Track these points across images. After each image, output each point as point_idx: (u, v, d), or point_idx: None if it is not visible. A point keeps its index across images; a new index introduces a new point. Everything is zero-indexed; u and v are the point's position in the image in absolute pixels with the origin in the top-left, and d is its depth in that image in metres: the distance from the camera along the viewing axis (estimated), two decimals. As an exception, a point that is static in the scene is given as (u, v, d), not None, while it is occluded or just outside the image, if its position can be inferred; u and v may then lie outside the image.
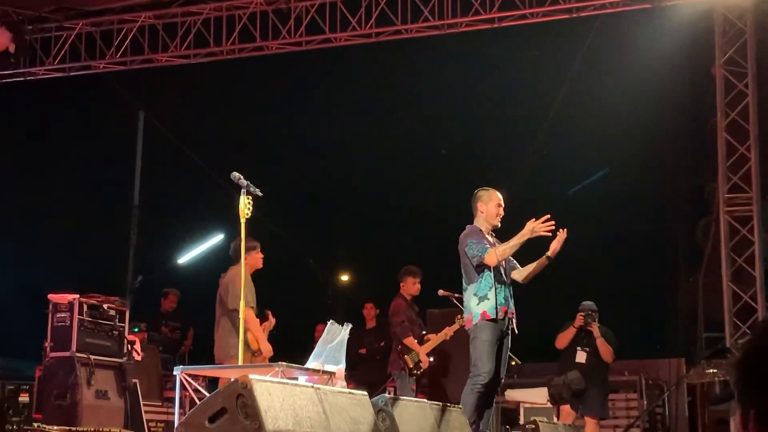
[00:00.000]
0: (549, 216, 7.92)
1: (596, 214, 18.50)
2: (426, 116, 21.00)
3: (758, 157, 12.44)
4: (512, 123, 18.79)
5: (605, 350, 10.90)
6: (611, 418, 12.70)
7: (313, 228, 23.35)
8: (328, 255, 24.83)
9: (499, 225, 8.29)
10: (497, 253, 7.94)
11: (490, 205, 8.24)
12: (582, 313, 10.87)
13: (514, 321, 8.13)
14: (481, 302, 7.94)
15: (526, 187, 15.56)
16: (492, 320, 7.91)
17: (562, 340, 11.08)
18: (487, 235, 8.16)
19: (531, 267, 8.24)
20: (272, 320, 10.05)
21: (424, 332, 11.31)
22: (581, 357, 10.95)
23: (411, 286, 11.55)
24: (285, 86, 20.65)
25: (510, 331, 8.12)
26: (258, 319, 9.78)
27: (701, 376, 12.04)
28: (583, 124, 17.58)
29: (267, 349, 9.59)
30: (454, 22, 13.29)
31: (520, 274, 8.23)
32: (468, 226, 8.27)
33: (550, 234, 7.96)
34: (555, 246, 8.05)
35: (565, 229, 8.00)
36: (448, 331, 11.05)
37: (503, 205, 8.32)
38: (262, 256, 9.96)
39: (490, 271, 7.98)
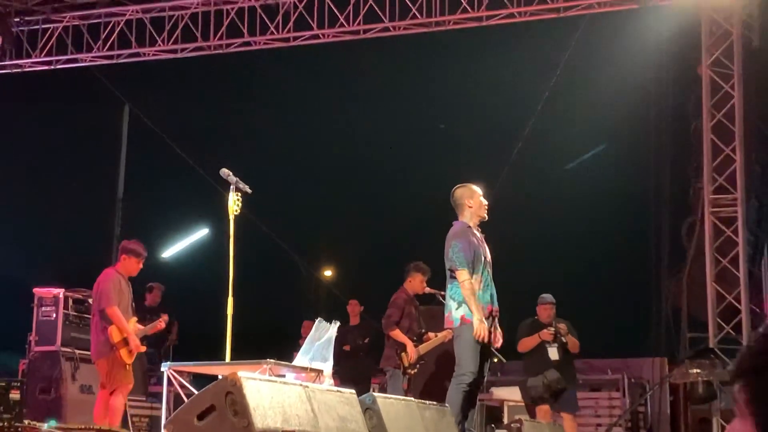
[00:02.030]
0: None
1: (580, 211, 18.56)
2: (412, 110, 21.01)
3: (743, 158, 12.50)
4: (498, 122, 18.81)
5: (573, 343, 10.94)
6: (594, 416, 12.76)
7: (297, 223, 23.35)
8: (311, 250, 24.83)
9: (487, 217, 8.25)
10: (470, 285, 7.85)
11: (475, 198, 8.20)
12: (551, 331, 10.84)
13: (497, 320, 8.11)
14: (459, 307, 7.91)
15: (511, 183, 15.59)
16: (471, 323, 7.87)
17: (526, 345, 11.02)
18: (475, 231, 8.13)
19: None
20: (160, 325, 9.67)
21: (423, 330, 10.96)
22: (554, 354, 10.92)
23: (418, 284, 11.00)
24: (269, 82, 20.63)
25: (494, 329, 8.09)
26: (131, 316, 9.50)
27: (684, 376, 12.09)
28: (568, 122, 17.64)
29: (137, 345, 9.21)
30: (441, 20, 13.31)
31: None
32: (455, 223, 8.19)
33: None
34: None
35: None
36: (447, 334, 10.14)
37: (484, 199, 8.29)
38: (139, 266, 9.63)
39: (472, 274, 7.91)
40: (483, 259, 7.99)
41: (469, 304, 7.80)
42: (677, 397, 13.09)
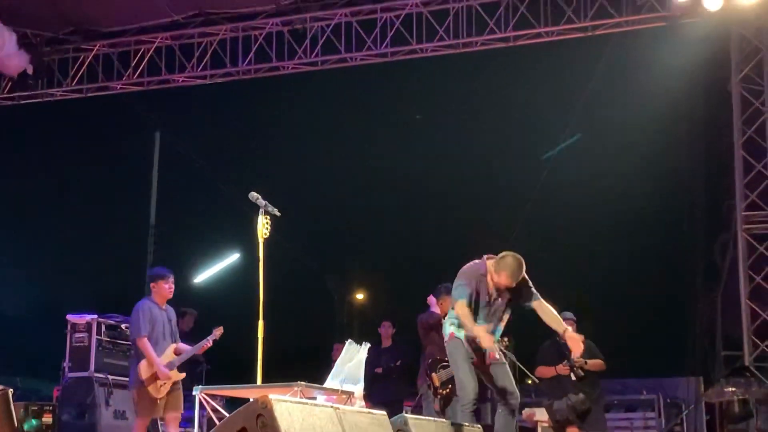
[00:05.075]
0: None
1: (614, 230, 18.47)
2: (442, 134, 21.01)
3: (775, 174, 12.42)
4: (528, 138, 18.77)
5: (596, 365, 10.82)
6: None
7: (328, 246, 23.37)
8: (343, 273, 24.86)
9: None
10: (466, 313, 7.65)
11: (497, 276, 7.93)
12: (567, 366, 10.71)
13: (502, 348, 8.03)
14: (452, 325, 7.89)
15: (542, 201, 15.55)
16: (457, 338, 7.84)
17: (546, 373, 10.90)
18: (487, 280, 7.91)
19: (549, 321, 7.99)
20: (209, 343, 9.42)
21: None
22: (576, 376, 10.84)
23: (448, 307, 11.03)
24: (300, 106, 20.70)
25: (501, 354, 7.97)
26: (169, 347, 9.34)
27: (720, 395, 11.98)
28: (598, 141, 17.56)
29: (164, 374, 9.07)
30: (469, 41, 13.31)
31: (542, 312, 7.96)
32: (476, 262, 8.01)
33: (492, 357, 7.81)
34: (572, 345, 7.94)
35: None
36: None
37: (511, 283, 7.80)
38: (170, 287, 9.48)
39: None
40: (479, 303, 7.84)
41: (469, 328, 7.64)
42: (713, 417, 12.98)
